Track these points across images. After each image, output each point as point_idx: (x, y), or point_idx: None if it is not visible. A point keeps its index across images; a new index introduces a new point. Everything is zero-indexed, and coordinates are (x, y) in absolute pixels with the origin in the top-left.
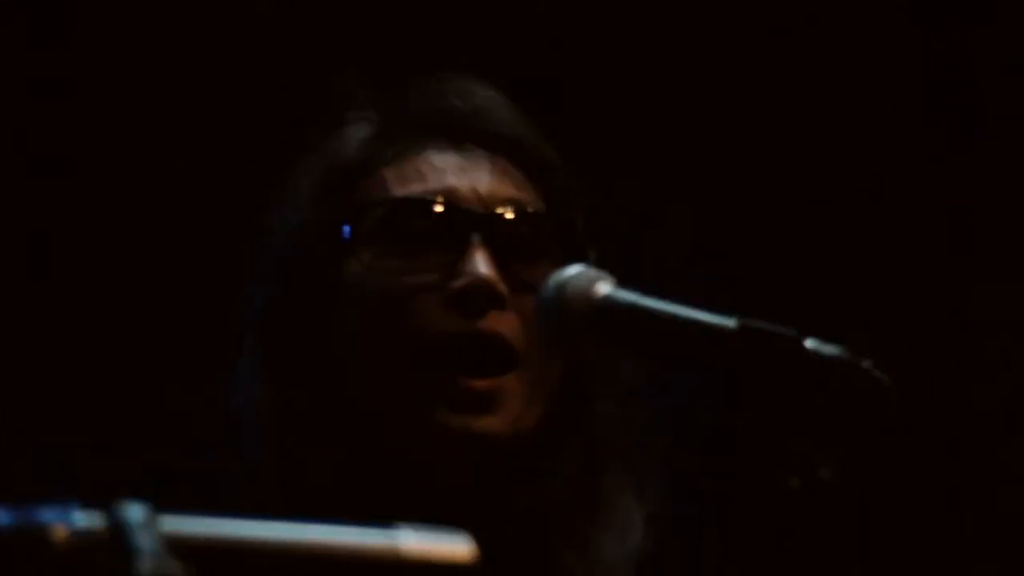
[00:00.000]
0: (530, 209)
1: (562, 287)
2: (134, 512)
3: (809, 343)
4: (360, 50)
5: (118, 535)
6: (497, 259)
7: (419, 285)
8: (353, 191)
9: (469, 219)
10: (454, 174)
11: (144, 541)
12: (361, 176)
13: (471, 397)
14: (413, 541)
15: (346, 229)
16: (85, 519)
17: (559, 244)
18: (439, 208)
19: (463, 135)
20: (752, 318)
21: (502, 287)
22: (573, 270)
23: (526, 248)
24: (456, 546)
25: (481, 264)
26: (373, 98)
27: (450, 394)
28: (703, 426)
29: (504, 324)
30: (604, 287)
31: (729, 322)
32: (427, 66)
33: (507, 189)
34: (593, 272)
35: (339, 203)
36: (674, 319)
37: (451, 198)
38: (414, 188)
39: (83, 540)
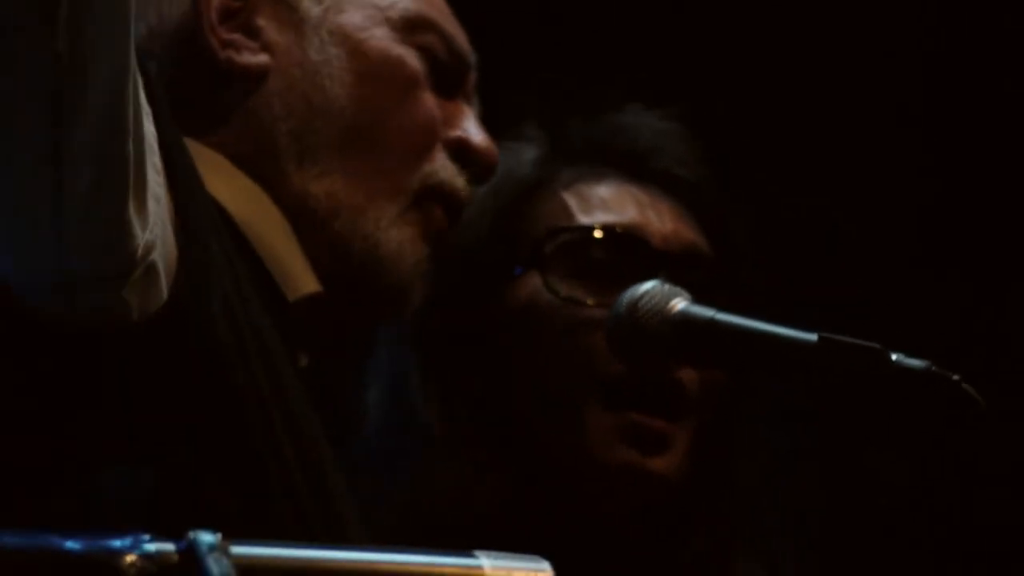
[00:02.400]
0: (705, 255)
1: (634, 304)
2: (205, 538)
3: (895, 356)
4: (529, 63)
5: (189, 561)
6: None
7: (603, 319)
8: (530, 208)
9: (655, 257)
10: (638, 209)
11: (215, 567)
12: (538, 195)
13: (645, 435)
14: (493, 565)
15: (525, 247)
16: (155, 546)
17: (726, 292)
18: (629, 241)
19: (643, 171)
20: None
21: None
22: (646, 286)
23: (697, 294)
24: (537, 571)
25: None
26: (544, 117)
27: (625, 430)
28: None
29: (683, 371)
30: (679, 303)
31: (810, 336)
32: (597, 85)
33: (687, 232)
34: (667, 288)
35: (516, 219)
36: (754, 334)
37: (640, 233)
38: (601, 217)
39: (153, 567)
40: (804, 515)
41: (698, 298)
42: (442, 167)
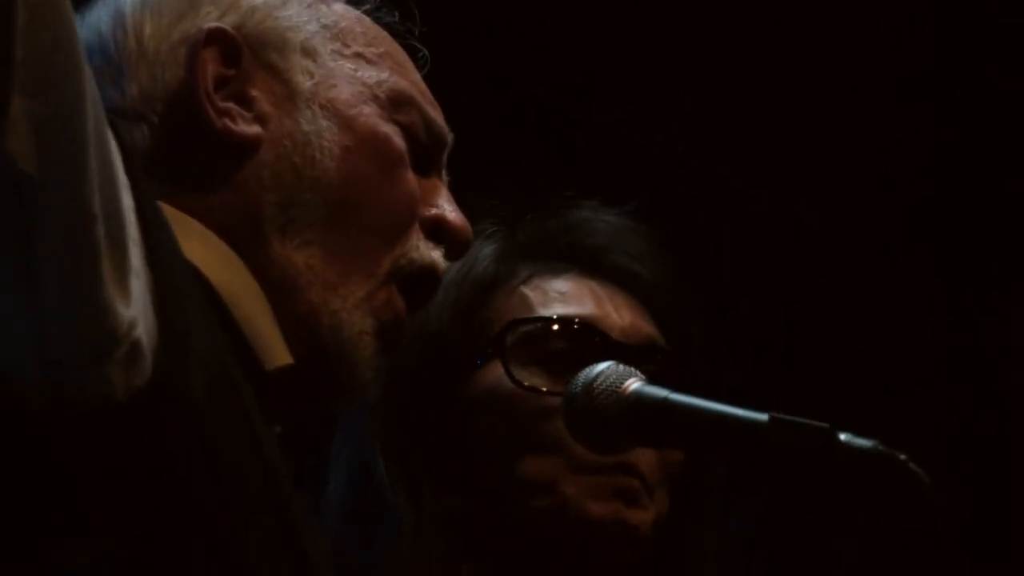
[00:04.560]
0: (662, 348)
1: (589, 385)
2: None
3: (843, 436)
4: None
5: None
6: None
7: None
8: (490, 303)
9: (615, 348)
10: (596, 302)
11: None
12: (497, 290)
13: (623, 488)
14: None
15: (486, 339)
16: None
17: (681, 383)
18: (588, 332)
19: (597, 267)
20: (785, 413)
21: None
22: (601, 367)
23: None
24: None
25: None
26: (501, 214)
27: (603, 486)
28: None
29: (643, 460)
30: (633, 383)
31: (761, 416)
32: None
33: (644, 326)
34: (622, 368)
35: (477, 313)
36: (705, 413)
37: (599, 325)
38: (560, 309)
39: None
40: None
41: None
42: (415, 247)
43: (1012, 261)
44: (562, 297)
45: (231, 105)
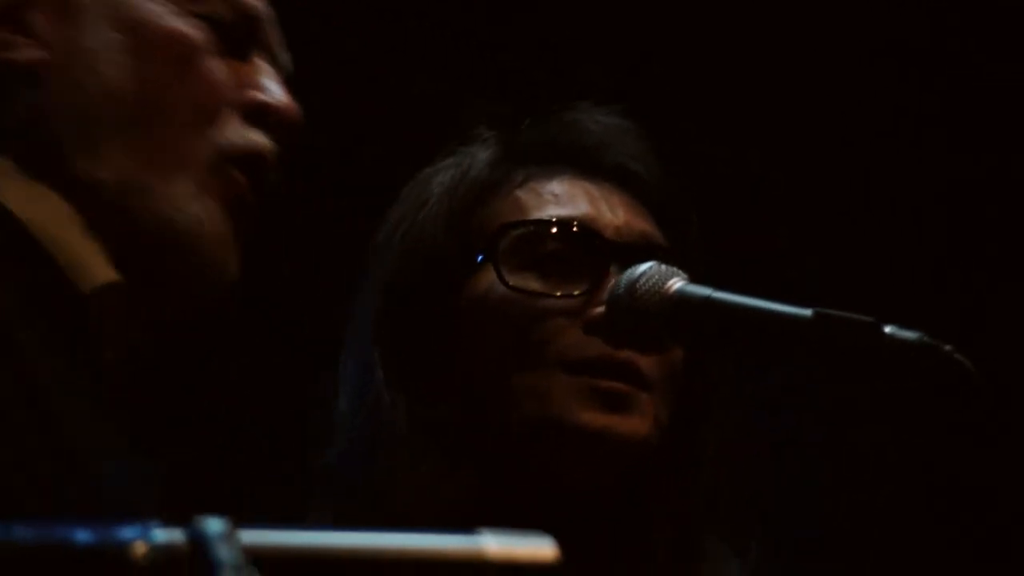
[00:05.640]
0: (659, 244)
1: (633, 284)
2: (214, 525)
3: (888, 329)
4: (484, 67)
5: (198, 549)
6: None
7: (559, 308)
8: (485, 208)
9: (608, 248)
10: (590, 202)
11: (225, 554)
12: (492, 195)
13: (614, 396)
14: (496, 544)
15: (480, 244)
16: (165, 535)
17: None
18: (581, 233)
19: (594, 166)
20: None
21: None
22: (644, 267)
23: None
24: (540, 548)
25: None
26: (497, 119)
27: (593, 394)
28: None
29: (641, 359)
30: (677, 282)
31: (805, 312)
32: (553, 87)
33: (640, 223)
34: (664, 268)
35: (472, 218)
36: (749, 311)
37: (592, 225)
38: (553, 211)
39: (163, 555)
40: (786, 496)
41: None
42: (234, 133)
43: (977, 228)
44: (556, 199)
45: (7, 35)
